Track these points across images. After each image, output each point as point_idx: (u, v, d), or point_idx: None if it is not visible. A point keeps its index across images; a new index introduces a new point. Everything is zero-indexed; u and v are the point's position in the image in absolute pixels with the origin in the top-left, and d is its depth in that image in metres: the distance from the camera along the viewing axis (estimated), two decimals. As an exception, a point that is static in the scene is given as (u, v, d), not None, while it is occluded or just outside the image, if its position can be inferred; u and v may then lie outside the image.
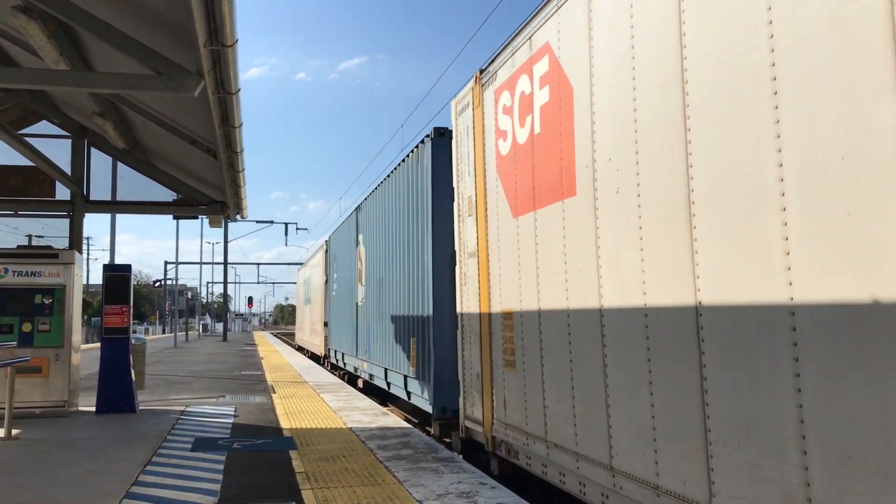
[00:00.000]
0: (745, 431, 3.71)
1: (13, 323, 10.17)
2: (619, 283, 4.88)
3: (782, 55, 3.43)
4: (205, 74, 5.56)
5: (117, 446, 8.11)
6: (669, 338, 4.32)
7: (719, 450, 3.90)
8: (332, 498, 5.84)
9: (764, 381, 3.59)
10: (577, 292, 5.49)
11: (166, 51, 5.93)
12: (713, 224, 3.94)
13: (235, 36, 4.93)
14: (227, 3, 4.44)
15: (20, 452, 7.69)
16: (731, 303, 3.82)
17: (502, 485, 6.29)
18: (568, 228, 5.66)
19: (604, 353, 5.11)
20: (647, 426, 4.59)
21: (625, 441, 4.87)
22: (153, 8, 5.63)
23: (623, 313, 4.83)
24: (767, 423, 3.58)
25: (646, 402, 4.62)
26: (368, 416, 10.64)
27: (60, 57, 7.00)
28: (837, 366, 3.18)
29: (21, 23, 6.12)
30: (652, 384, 4.53)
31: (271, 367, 21.08)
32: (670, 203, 4.29)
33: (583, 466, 5.42)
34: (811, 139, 3.27)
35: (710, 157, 3.94)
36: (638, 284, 4.64)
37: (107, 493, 5.98)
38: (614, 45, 4.89)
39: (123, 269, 11.02)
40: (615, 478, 4.95)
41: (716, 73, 3.86)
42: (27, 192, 11.16)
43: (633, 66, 4.69)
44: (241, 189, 10.39)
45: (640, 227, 4.60)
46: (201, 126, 8.03)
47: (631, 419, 4.80)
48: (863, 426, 3.07)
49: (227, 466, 7.06)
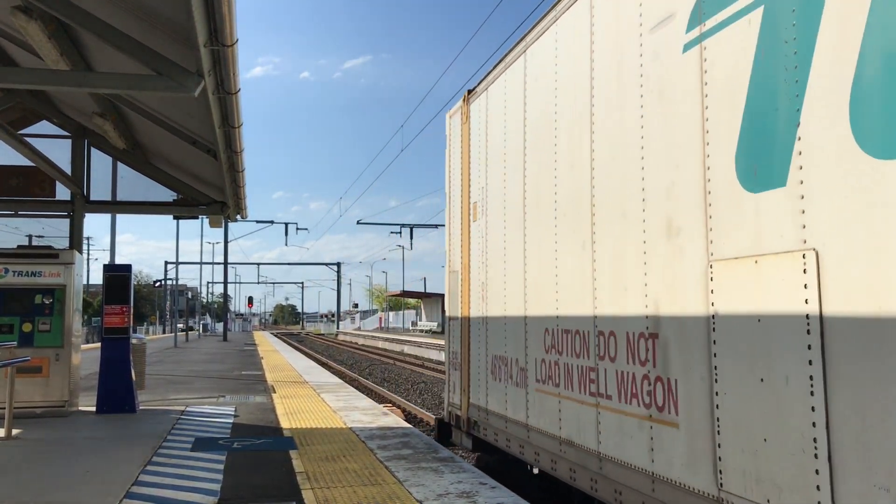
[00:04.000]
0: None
1: (13, 323, 10.17)
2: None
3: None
4: (205, 74, 5.55)
5: (117, 446, 8.11)
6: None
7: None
8: (332, 498, 5.84)
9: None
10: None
11: (166, 51, 5.92)
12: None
13: (235, 36, 4.93)
14: (226, 2, 4.44)
15: (20, 452, 7.69)
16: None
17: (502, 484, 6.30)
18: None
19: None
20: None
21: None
22: (153, 8, 5.63)
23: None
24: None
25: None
26: (368, 415, 10.64)
27: (60, 57, 6.99)
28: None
29: (21, 23, 6.12)
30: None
31: (271, 367, 21.08)
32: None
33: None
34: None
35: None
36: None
37: (107, 492, 5.98)
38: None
39: (124, 270, 11.02)
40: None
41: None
42: (27, 193, 11.16)
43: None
44: (241, 189, 10.40)
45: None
46: (201, 126, 8.03)
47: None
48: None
49: (227, 466, 7.06)
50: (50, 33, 6.58)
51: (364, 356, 44.48)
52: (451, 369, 9.74)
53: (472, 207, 8.93)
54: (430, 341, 45.07)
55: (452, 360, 9.70)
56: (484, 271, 8.43)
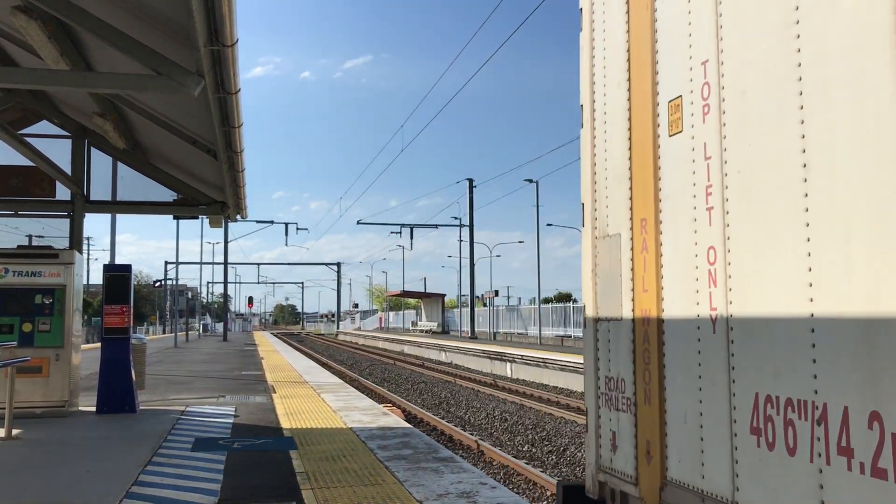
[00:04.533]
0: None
1: (13, 323, 10.16)
2: None
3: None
4: (205, 74, 5.56)
5: (118, 446, 8.11)
6: None
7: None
8: (332, 498, 5.84)
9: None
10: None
11: (166, 51, 5.92)
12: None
13: (235, 36, 4.93)
14: (226, 2, 4.45)
15: (21, 452, 7.69)
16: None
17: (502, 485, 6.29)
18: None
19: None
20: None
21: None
22: (153, 7, 5.63)
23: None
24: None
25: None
26: (369, 416, 10.64)
27: (60, 57, 7.00)
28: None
29: (21, 23, 6.12)
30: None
31: (272, 368, 21.08)
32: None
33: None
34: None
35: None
36: None
37: (107, 492, 5.98)
38: None
39: (124, 270, 11.02)
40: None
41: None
42: (27, 193, 11.16)
43: None
44: (241, 189, 10.40)
45: None
46: (201, 126, 8.03)
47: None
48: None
49: (227, 466, 7.07)
50: (50, 33, 6.58)
51: (364, 356, 44.52)
52: (605, 406, 5.26)
53: (668, 110, 4.57)
54: (430, 341, 45.10)
55: (609, 392, 5.18)
56: (719, 225, 3.86)
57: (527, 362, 28.12)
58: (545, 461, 12.69)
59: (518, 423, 16.52)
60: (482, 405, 19.82)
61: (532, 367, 27.53)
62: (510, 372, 29.56)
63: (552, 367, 25.81)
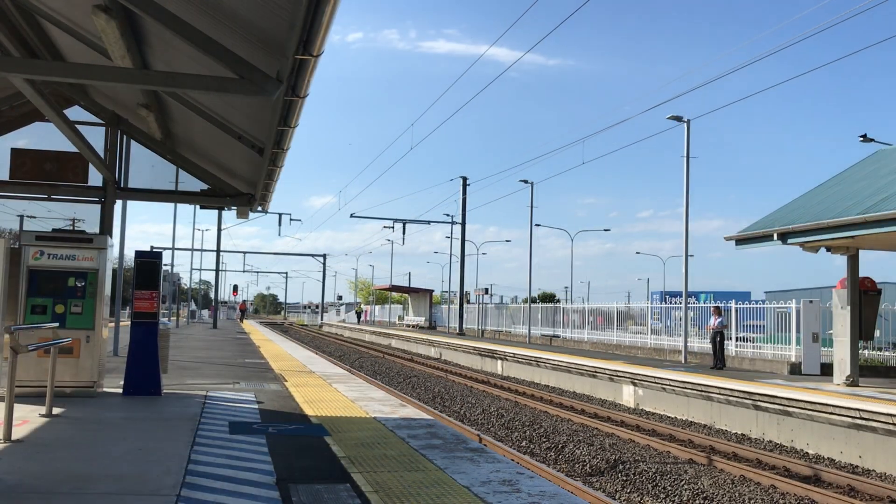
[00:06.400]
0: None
1: (47, 304, 10.44)
2: None
3: None
4: (284, 79, 5.90)
5: (159, 427, 8.45)
6: None
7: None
8: (383, 481, 6.22)
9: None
10: None
11: (249, 55, 6.23)
12: None
13: (324, 47, 5.27)
14: (327, 19, 4.78)
15: (69, 429, 8.01)
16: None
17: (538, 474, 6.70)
18: None
19: None
20: None
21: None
22: (238, 15, 5.94)
23: None
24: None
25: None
26: (387, 406, 11.02)
27: (127, 53, 7.31)
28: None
29: (101, 22, 6.43)
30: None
31: (272, 357, 21.37)
32: None
33: None
34: None
35: None
36: None
37: (168, 470, 6.33)
38: None
39: (154, 256, 11.31)
40: None
41: None
42: (61, 178, 11.43)
43: None
44: (272, 184, 10.73)
45: None
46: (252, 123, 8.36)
47: None
48: None
49: (270, 449, 7.42)
50: (122, 31, 6.89)
51: (352, 348, 44.80)
52: None
53: None
54: (419, 336, 45.45)
55: None
56: None
57: (518, 360, 28.57)
58: (545, 458, 13.15)
59: (515, 420, 16.96)
60: (477, 401, 20.23)
61: (524, 366, 27.99)
62: (500, 369, 30.01)
63: (545, 366, 26.28)
